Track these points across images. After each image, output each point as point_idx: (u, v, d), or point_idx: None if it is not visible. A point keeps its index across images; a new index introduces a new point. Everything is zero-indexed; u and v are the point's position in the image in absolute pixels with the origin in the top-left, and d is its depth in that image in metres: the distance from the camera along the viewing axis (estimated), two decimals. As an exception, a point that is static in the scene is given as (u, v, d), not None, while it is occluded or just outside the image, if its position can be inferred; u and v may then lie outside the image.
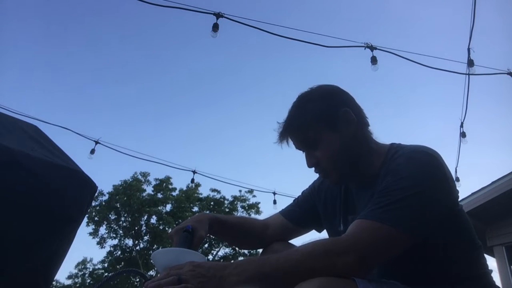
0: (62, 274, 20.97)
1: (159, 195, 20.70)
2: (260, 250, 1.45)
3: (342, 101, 1.19)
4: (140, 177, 20.65)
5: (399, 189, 0.97)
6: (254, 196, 20.53)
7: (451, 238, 1.07)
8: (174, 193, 21.04)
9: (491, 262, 6.02)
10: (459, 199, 1.16)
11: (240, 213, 20.79)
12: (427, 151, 1.06)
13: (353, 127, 1.15)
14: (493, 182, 5.58)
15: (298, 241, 1.44)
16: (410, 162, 1.03)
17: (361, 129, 1.18)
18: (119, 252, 20.38)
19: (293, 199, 1.50)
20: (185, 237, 1.16)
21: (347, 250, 0.90)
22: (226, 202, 21.15)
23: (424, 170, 1.01)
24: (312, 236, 1.45)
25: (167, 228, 19.34)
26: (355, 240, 0.92)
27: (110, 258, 20.39)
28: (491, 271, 1.13)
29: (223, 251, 20.50)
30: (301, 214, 1.41)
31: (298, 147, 1.21)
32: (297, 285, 0.86)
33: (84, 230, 19.26)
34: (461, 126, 5.15)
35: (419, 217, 0.96)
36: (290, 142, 1.23)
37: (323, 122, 1.15)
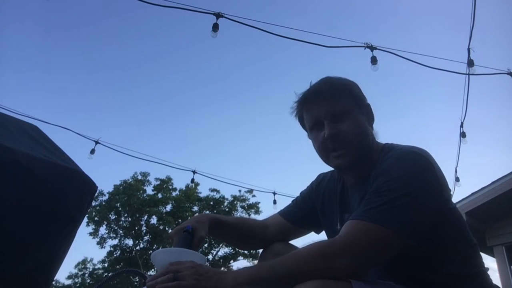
0: (62, 274, 21.00)
1: (159, 195, 20.71)
2: (261, 251, 1.45)
3: (365, 96, 1.25)
4: (140, 177, 20.67)
5: (391, 189, 0.98)
6: (253, 196, 20.55)
7: (444, 237, 1.08)
8: (174, 193, 21.06)
9: (491, 262, 6.03)
10: (458, 200, 1.17)
11: (240, 213, 20.80)
12: (417, 151, 1.07)
13: (372, 121, 1.22)
14: (493, 182, 5.59)
15: (298, 242, 1.44)
16: (401, 162, 1.04)
17: (372, 126, 1.23)
18: (119, 252, 20.39)
19: (292, 199, 1.50)
20: (185, 237, 1.17)
21: (342, 252, 0.90)
22: (226, 202, 21.16)
23: (414, 170, 1.02)
24: (312, 236, 1.46)
25: (167, 228, 19.35)
26: (350, 242, 0.92)
27: (110, 258, 20.40)
28: (487, 269, 1.13)
29: (223, 250, 20.52)
30: (299, 214, 1.42)
31: (324, 114, 1.15)
32: None
33: (84, 230, 19.28)
34: (461, 126, 5.14)
35: (411, 217, 0.96)
36: (305, 112, 1.21)
37: (356, 100, 1.18)
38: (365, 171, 1.16)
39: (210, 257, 19.78)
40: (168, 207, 20.76)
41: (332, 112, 1.14)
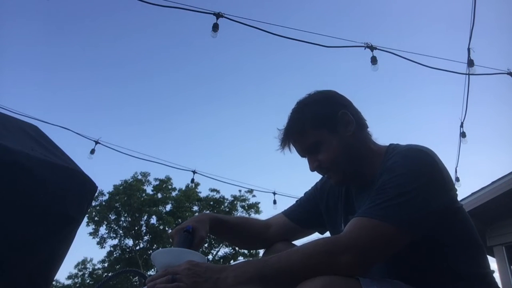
0: (62, 274, 21.00)
1: (159, 195, 20.70)
2: (262, 251, 1.44)
3: (339, 103, 1.22)
4: (140, 177, 20.66)
5: (395, 186, 0.98)
6: (254, 196, 20.54)
7: (450, 236, 1.07)
8: (174, 193, 21.05)
9: (491, 262, 6.02)
10: (459, 199, 1.16)
11: (240, 213, 20.79)
12: (421, 149, 1.07)
13: (352, 128, 1.18)
14: (493, 182, 5.59)
15: (300, 243, 1.44)
16: (405, 159, 1.04)
17: (360, 130, 1.20)
18: (119, 252, 20.37)
19: (295, 199, 1.50)
20: (185, 237, 1.16)
21: (346, 249, 0.90)
22: (226, 202, 21.14)
23: (419, 167, 1.02)
24: (315, 236, 1.45)
25: (167, 228, 19.34)
26: (354, 239, 0.92)
27: (110, 258, 20.38)
28: (493, 271, 1.12)
29: (223, 250, 20.52)
30: (303, 214, 1.41)
31: (301, 152, 1.23)
32: (300, 285, 0.87)
33: (84, 230, 19.27)
34: (461, 126, 5.14)
35: (415, 213, 0.96)
36: (292, 148, 1.24)
37: (321, 125, 1.17)
38: (368, 174, 1.16)
39: (210, 257, 19.76)
40: (168, 207, 20.75)
41: (306, 148, 1.20)
